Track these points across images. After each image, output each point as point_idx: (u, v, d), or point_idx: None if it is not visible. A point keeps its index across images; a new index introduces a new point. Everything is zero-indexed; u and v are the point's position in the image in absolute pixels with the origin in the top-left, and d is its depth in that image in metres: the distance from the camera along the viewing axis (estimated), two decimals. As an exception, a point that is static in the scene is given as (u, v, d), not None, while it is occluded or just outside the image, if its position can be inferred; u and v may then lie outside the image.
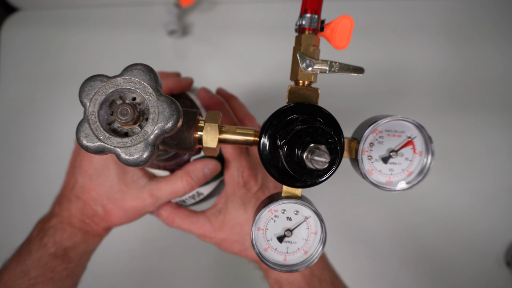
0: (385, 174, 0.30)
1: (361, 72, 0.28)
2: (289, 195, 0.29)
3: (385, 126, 0.29)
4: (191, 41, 0.65)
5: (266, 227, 0.30)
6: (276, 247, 0.30)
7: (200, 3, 0.65)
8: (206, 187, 0.40)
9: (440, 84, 0.61)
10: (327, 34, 0.30)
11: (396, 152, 0.29)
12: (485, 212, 0.58)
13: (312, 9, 0.29)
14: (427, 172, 0.29)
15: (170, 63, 0.64)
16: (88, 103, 0.23)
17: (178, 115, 0.23)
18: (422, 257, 0.57)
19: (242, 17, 0.65)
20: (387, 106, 0.61)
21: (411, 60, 0.62)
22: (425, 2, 0.64)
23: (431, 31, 0.63)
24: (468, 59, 0.62)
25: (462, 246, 0.57)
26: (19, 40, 0.67)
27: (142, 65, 0.24)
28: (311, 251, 0.30)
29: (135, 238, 0.59)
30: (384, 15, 0.63)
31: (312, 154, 0.22)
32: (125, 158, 0.23)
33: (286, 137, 0.24)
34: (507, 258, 0.56)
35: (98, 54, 0.65)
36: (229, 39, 0.64)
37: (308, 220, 0.30)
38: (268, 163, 0.27)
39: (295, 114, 0.26)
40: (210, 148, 0.29)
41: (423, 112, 0.60)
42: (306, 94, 0.28)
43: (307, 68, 0.28)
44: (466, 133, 0.60)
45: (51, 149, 0.62)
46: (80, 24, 0.66)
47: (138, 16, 0.66)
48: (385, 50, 0.62)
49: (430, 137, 0.29)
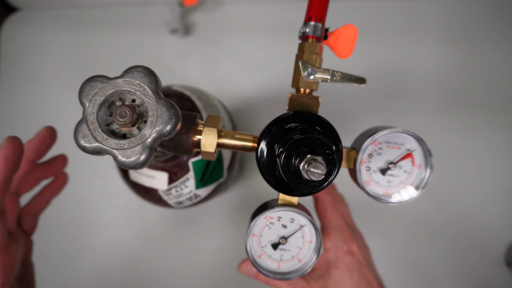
0: (383, 186, 0.30)
1: (363, 83, 0.28)
2: (285, 202, 0.29)
3: (384, 137, 0.29)
4: (193, 41, 0.64)
5: (261, 234, 0.30)
6: (270, 254, 0.30)
7: (204, 3, 0.65)
8: (204, 190, 0.40)
9: (440, 85, 0.61)
10: (330, 43, 0.30)
11: (395, 164, 0.29)
12: (485, 212, 0.58)
13: (316, 17, 0.29)
14: (425, 185, 0.29)
15: (172, 63, 0.64)
16: (87, 104, 0.23)
17: (176, 119, 0.23)
18: (422, 257, 0.57)
19: (246, 17, 0.65)
20: (388, 107, 0.61)
21: (412, 61, 0.62)
22: (425, 2, 0.63)
23: (432, 32, 0.63)
24: (469, 60, 0.62)
25: (462, 246, 0.57)
26: (19, 40, 0.66)
27: (142, 67, 0.24)
28: (305, 259, 0.30)
29: (135, 238, 0.59)
30: (384, 16, 0.63)
31: (308, 165, 0.22)
32: (122, 160, 0.23)
33: (284, 145, 0.24)
34: (507, 258, 0.56)
35: (99, 54, 0.65)
36: (232, 39, 0.64)
37: (304, 228, 0.29)
38: (265, 170, 0.27)
39: (294, 122, 0.26)
40: (208, 153, 0.29)
41: (423, 113, 0.60)
42: (306, 102, 0.28)
43: (308, 77, 0.28)
44: (466, 133, 0.60)
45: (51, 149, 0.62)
46: (80, 24, 0.66)
47: (139, 16, 0.66)
48: (386, 51, 0.62)
49: (430, 150, 0.29)
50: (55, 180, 0.39)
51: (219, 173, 0.40)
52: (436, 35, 0.63)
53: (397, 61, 0.62)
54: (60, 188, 0.39)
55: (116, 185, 0.51)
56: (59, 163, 0.38)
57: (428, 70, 0.62)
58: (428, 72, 0.62)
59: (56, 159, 0.38)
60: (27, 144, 0.33)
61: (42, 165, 0.37)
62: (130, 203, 0.58)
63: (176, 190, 0.39)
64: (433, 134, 0.59)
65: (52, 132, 0.34)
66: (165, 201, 0.40)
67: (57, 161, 0.38)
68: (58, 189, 0.39)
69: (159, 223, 0.59)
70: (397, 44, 0.63)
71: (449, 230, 0.58)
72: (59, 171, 0.38)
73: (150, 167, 0.38)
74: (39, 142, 0.33)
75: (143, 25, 0.65)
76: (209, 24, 0.65)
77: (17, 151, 0.28)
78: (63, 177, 0.39)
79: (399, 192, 0.30)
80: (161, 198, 0.40)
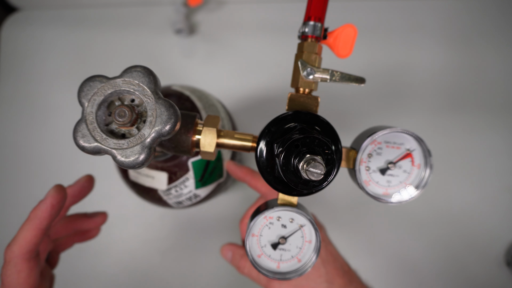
0: (383, 186, 0.30)
1: (362, 82, 0.28)
2: (284, 202, 0.29)
3: (384, 137, 0.29)
4: (198, 41, 0.64)
5: (261, 234, 0.30)
6: (270, 254, 0.30)
7: (208, 3, 0.65)
8: (203, 190, 0.40)
9: (440, 85, 0.61)
10: (330, 42, 0.30)
11: (394, 164, 0.29)
12: (485, 212, 0.58)
13: (315, 16, 0.29)
14: (425, 185, 0.29)
15: (174, 63, 0.64)
16: (86, 103, 0.23)
17: (175, 119, 0.23)
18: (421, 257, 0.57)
19: (249, 17, 0.65)
20: (387, 106, 0.61)
21: (412, 61, 0.62)
22: (425, 2, 0.63)
23: (432, 32, 0.63)
24: (469, 60, 0.62)
25: (462, 246, 0.57)
26: (19, 40, 0.66)
27: (141, 67, 0.24)
28: (305, 259, 0.30)
29: (135, 238, 0.59)
30: (384, 16, 0.63)
31: (308, 165, 0.21)
32: (121, 160, 0.23)
33: (283, 145, 0.24)
34: (507, 258, 0.56)
35: (100, 54, 0.65)
36: (236, 39, 0.64)
37: (303, 228, 0.29)
38: (264, 170, 0.27)
39: (293, 122, 0.26)
40: (207, 152, 0.29)
41: (423, 112, 0.60)
42: (306, 102, 0.28)
43: (308, 76, 0.28)
44: (466, 133, 0.60)
45: (51, 149, 0.62)
46: (80, 24, 0.66)
47: (142, 16, 0.66)
48: (385, 50, 0.62)
49: (429, 150, 0.29)
50: (88, 231, 0.40)
51: (219, 173, 0.40)
52: (436, 35, 0.63)
53: (396, 61, 0.62)
54: (89, 239, 0.40)
55: (116, 185, 0.51)
56: (100, 219, 0.39)
57: (428, 70, 0.62)
58: (428, 72, 0.62)
59: (98, 216, 0.39)
60: (68, 190, 0.33)
61: (83, 217, 0.38)
62: (129, 203, 0.58)
63: (175, 190, 0.39)
64: (432, 134, 0.59)
65: (91, 181, 0.35)
66: (165, 201, 0.40)
67: (98, 218, 0.39)
68: (86, 239, 0.40)
69: (159, 223, 0.59)
70: (397, 44, 0.63)
71: (449, 230, 0.58)
72: (96, 226, 0.39)
73: (149, 167, 0.38)
74: (79, 190, 0.34)
75: (146, 25, 0.66)
76: (213, 23, 0.65)
77: (62, 199, 0.30)
78: (95, 231, 0.40)
79: (399, 192, 0.30)
80: (161, 198, 0.40)
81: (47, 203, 0.29)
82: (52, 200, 0.29)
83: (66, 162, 0.61)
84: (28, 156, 0.63)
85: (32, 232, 0.28)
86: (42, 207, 0.29)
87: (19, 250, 0.28)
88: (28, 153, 0.63)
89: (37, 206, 0.29)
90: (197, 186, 0.39)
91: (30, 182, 0.62)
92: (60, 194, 0.29)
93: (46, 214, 0.29)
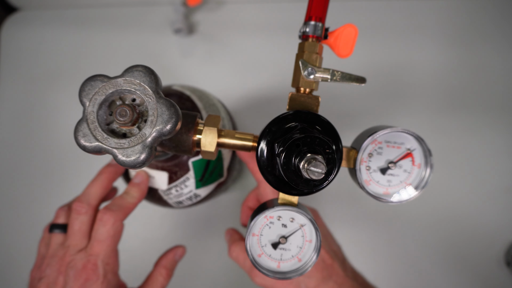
0: (383, 185, 0.30)
1: (363, 82, 0.28)
2: (285, 202, 0.29)
3: (384, 137, 0.29)
4: (197, 40, 0.65)
5: (261, 233, 0.30)
6: (270, 253, 0.30)
7: (207, 3, 0.65)
8: (204, 189, 0.40)
9: (440, 85, 0.61)
10: (330, 42, 0.30)
11: (395, 163, 0.29)
12: (485, 212, 0.58)
13: (316, 16, 0.29)
14: (425, 185, 0.29)
15: (174, 63, 0.64)
16: (87, 103, 0.23)
17: (177, 118, 0.23)
18: (421, 257, 0.57)
19: (248, 17, 0.65)
20: (388, 106, 0.61)
21: (412, 61, 0.62)
22: (425, 2, 0.63)
23: (432, 32, 0.63)
24: (469, 60, 0.62)
25: (461, 246, 0.57)
26: (19, 40, 0.66)
27: (143, 66, 0.24)
28: (305, 259, 0.30)
29: (135, 237, 0.59)
30: (384, 16, 0.63)
31: (308, 164, 0.22)
32: (122, 160, 0.23)
33: (284, 145, 0.24)
34: (507, 258, 0.56)
35: (100, 54, 0.65)
36: (235, 39, 0.64)
37: (304, 228, 0.29)
38: (265, 170, 0.27)
39: (294, 121, 0.26)
40: (208, 152, 0.29)
41: (423, 112, 0.60)
42: (306, 101, 0.28)
43: (309, 76, 0.28)
44: (466, 133, 0.60)
45: (51, 148, 0.62)
46: (81, 24, 0.66)
47: (141, 16, 0.66)
48: (386, 50, 0.62)
49: (430, 150, 0.29)
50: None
51: (219, 173, 0.40)
52: (436, 35, 0.63)
53: (397, 60, 0.62)
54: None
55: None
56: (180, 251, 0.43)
57: (428, 70, 0.62)
58: (428, 71, 0.62)
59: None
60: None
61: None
62: (130, 203, 0.58)
63: (176, 189, 0.39)
64: (433, 133, 0.59)
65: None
66: (165, 200, 0.40)
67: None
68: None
69: (159, 223, 0.59)
70: (397, 44, 0.63)
71: (449, 230, 0.58)
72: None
73: (150, 167, 0.38)
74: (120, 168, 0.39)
75: (146, 25, 0.66)
76: (212, 23, 0.65)
77: (120, 168, 0.39)
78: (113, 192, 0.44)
79: (399, 192, 0.30)
80: (161, 197, 0.40)
81: (111, 168, 0.37)
82: (115, 167, 0.38)
83: (66, 162, 0.61)
84: (28, 156, 0.63)
85: (99, 188, 0.37)
86: (109, 168, 0.38)
87: (93, 201, 0.36)
88: (28, 153, 0.63)
89: (103, 169, 0.37)
90: (198, 186, 0.39)
91: (30, 182, 0.62)
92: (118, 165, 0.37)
93: (111, 175, 0.37)
